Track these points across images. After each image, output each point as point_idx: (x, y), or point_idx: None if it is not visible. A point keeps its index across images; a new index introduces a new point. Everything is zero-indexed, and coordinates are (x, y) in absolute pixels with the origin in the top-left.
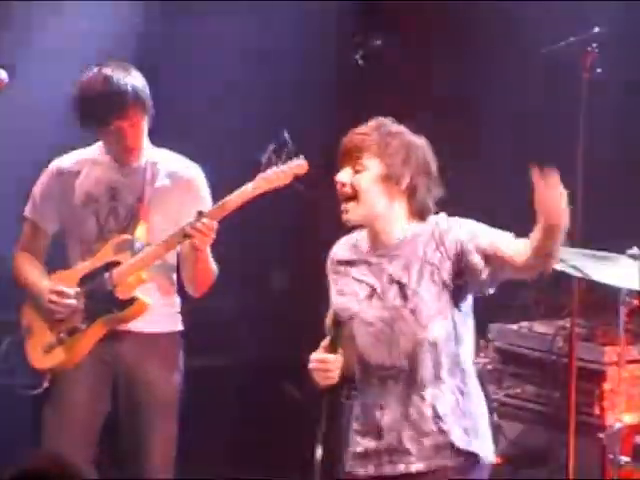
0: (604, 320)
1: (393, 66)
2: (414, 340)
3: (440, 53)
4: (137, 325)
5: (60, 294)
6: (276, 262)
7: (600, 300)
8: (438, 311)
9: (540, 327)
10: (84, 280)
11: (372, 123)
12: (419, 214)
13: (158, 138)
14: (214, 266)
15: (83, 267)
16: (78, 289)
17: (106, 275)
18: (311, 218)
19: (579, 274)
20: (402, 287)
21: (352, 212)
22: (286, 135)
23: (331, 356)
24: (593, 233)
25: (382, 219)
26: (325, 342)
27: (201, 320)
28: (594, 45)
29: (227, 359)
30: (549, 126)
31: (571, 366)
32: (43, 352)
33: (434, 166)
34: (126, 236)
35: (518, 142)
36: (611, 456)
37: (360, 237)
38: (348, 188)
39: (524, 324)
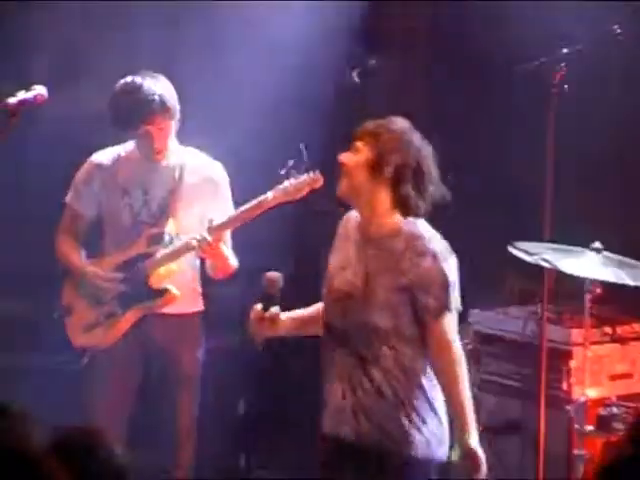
0: (571, 306)
1: (389, 83)
2: (361, 319)
3: (429, 70)
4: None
5: (108, 280)
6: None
7: (567, 288)
8: (390, 305)
9: (514, 312)
10: (120, 268)
11: (383, 120)
12: (401, 207)
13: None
14: (233, 260)
15: (118, 255)
16: (120, 276)
17: (141, 265)
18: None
19: (549, 265)
20: (368, 274)
21: (340, 187)
22: (303, 150)
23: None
24: (561, 232)
25: (366, 202)
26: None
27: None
28: (562, 64)
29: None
30: (521, 136)
31: (542, 346)
32: (83, 331)
33: (429, 167)
34: (158, 230)
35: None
36: (577, 426)
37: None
38: (343, 166)
39: (500, 309)
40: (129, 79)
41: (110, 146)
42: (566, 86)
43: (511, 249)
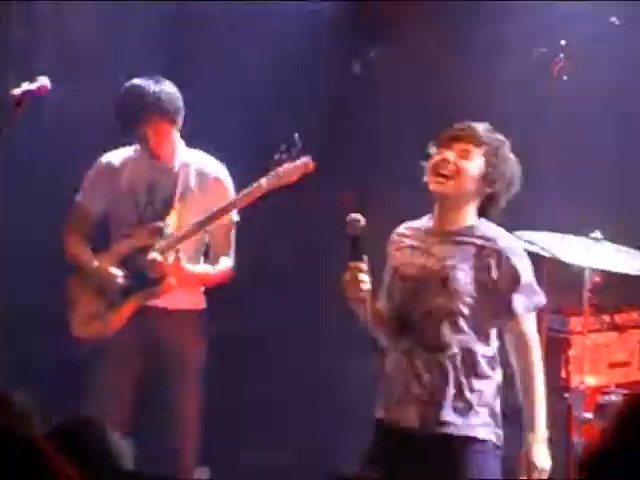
0: (570, 295)
1: (390, 75)
2: (436, 304)
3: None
4: (168, 303)
5: (111, 276)
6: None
7: (566, 277)
8: (467, 291)
9: None
10: (123, 260)
11: (485, 125)
12: (484, 211)
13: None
14: (226, 270)
15: (123, 248)
16: (121, 273)
17: (142, 257)
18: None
19: (549, 254)
20: (445, 257)
21: (447, 187)
22: (296, 137)
23: (362, 265)
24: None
25: (458, 207)
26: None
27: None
28: (561, 56)
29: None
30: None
31: (541, 334)
32: (84, 323)
33: (518, 184)
34: (159, 223)
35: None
36: (576, 413)
37: (425, 222)
38: (453, 167)
39: None
40: (133, 81)
41: (112, 146)
42: (565, 77)
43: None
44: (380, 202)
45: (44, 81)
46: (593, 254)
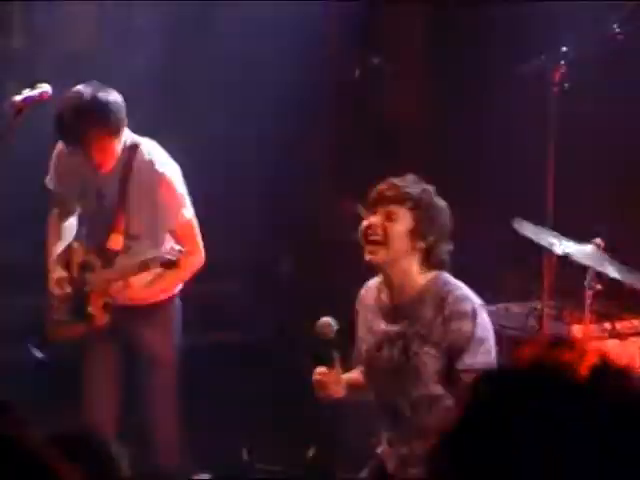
0: (571, 302)
1: (391, 82)
2: (414, 393)
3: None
4: (138, 298)
5: (58, 296)
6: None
7: (567, 284)
8: (437, 371)
9: (515, 308)
10: (82, 265)
11: (408, 178)
12: (432, 266)
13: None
14: (191, 268)
15: (83, 251)
16: (67, 292)
17: (86, 277)
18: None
19: (552, 248)
20: (407, 347)
21: (379, 255)
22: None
23: (329, 370)
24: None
25: (399, 268)
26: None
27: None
28: (562, 62)
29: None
30: (522, 132)
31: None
32: (53, 326)
33: (450, 227)
34: (104, 246)
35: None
36: None
37: (380, 284)
38: (379, 232)
39: (501, 305)
40: (76, 90)
41: None
42: (566, 85)
43: (517, 226)
44: None
45: (45, 87)
46: (596, 259)
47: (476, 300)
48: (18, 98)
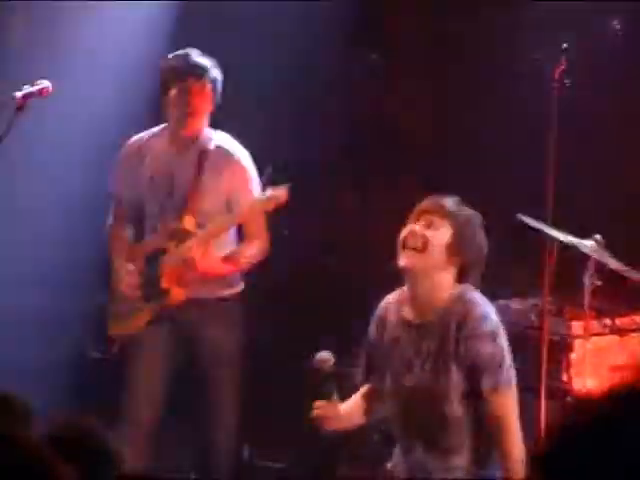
0: (571, 298)
1: (390, 79)
2: (439, 413)
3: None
4: (202, 292)
5: (128, 286)
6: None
7: (568, 281)
8: (461, 390)
9: (516, 304)
10: (148, 259)
11: (452, 198)
12: (461, 281)
13: None
14: (258, 254)
15: (147, 245)
16: (136, 280)
17: (157, 262)
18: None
19: (559, 236)
20: (436, 365)
21: (415, 261)
22: (269, 172)
23: (328, 404)
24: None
25: (431, 279)
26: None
27: None
28: (563, 59)
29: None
30: (523, 128)
31: (542, 338)
32: (114, 320)
33: (486, 250)
34: (176, 226)
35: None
36: None
37: (403, 297)
38: (419, 240)
39: (502, 302)
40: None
41: (115, 141)
42: (567, 81)
43: (521, 217)
44: (380, 202)
45: (45, 83)
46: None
47: (495, 319)
48: (18, 94)
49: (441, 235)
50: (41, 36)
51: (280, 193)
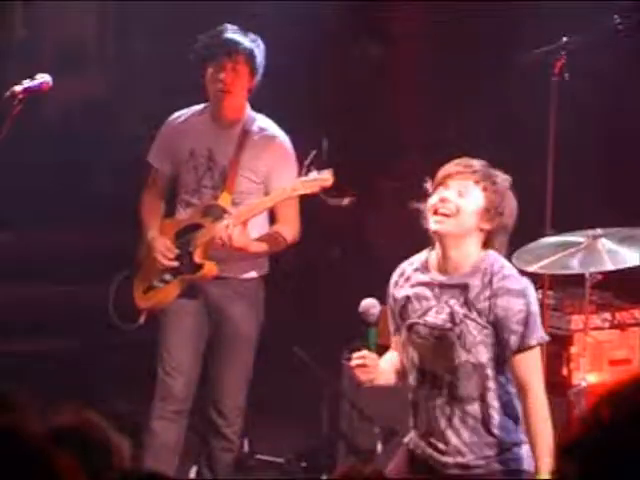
0: (571, 292)
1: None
2: (458, 361)
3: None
4: (229, 271)
5: (162, 254)
6: None
7: (568, 276)
8: (482, 340)
9: None
10: (178, 235)
11: (480, 161)
12: (487, 247)
13: None
14: (288, 240)
15: (179, 221)
16: (171, 253)
17: (190, 237)
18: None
19: (549, 272)
20: (453, 313)
21: (447, 225)
22: (324, 145)
23: (369, 353)
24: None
25: (460, 244)
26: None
27: None
28: (563, 53)
29: None
30: (522, 123)
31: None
32: (142, 292)
33: (515, 222)
34: (212, 202)
35: (500, 140)
36: (577, 411)
37: (428, 258)
38: (452, 205)
39: None
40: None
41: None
42: (567, 75)
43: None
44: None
45: (45, 78)
46: (593, 255)
47: (525, 279)
48: (18, 88)
49: (473, 203)
50: None
51: (326, 176)
